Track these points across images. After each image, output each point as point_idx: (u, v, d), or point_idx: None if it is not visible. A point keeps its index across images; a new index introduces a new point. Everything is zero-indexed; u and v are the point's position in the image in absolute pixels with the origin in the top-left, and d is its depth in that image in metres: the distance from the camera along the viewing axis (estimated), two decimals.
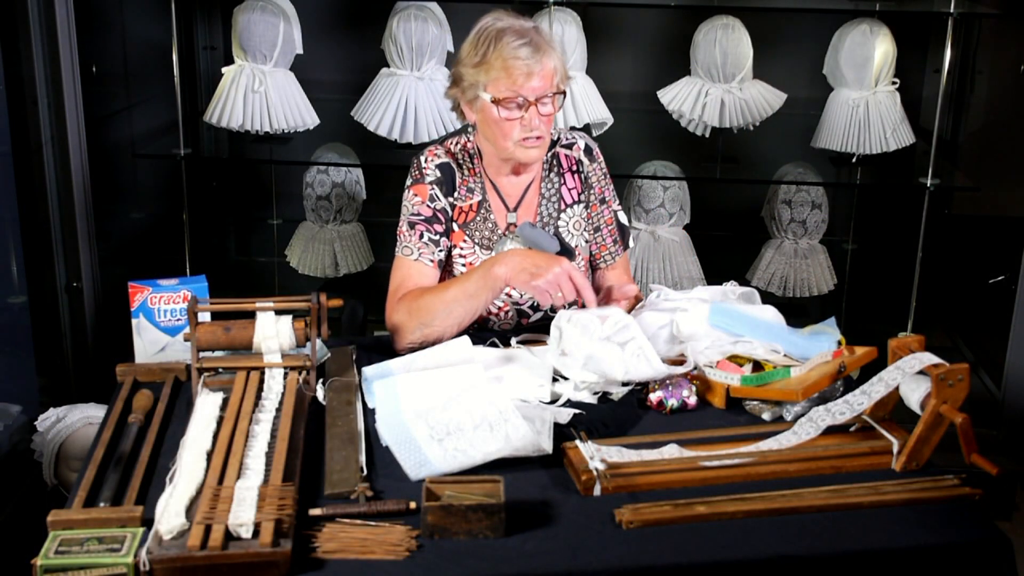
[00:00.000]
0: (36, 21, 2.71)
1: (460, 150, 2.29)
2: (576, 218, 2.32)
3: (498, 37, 2.12)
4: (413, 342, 2.09)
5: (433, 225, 2.22)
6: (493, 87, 2.13)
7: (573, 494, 1.62)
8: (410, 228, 2.22)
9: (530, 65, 2.10)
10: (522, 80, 2.10)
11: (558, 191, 2.31)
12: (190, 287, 2.05)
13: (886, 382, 1.73)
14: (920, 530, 1.56)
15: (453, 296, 2.08)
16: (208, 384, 1.88)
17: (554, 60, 2.14)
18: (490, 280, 2.05)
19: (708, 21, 3.32)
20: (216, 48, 3.95)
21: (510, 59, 2.10)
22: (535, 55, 2.10)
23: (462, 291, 2.07)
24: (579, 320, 1.93)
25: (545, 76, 2.12)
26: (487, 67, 2.12)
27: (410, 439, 1.70)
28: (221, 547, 1.40)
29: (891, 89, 3.31)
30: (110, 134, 3.55)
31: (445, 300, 2.08)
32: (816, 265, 3.56)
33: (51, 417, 2.53)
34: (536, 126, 2.14)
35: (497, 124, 2.15)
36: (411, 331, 2.09)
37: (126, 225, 3.76)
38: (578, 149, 2.33)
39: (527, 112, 2.12)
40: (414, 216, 2.23)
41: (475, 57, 2.14)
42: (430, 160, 2.27)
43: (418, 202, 2.23)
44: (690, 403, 1.91)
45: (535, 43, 2.11)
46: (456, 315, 2.08)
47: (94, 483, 1.62)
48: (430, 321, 2.08)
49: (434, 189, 2.24)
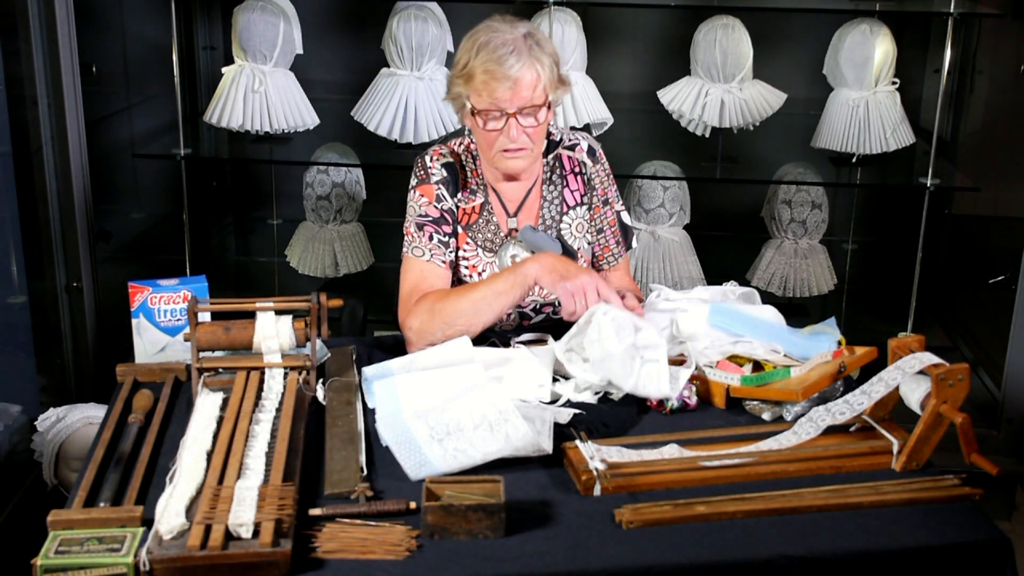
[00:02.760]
0: (36, 21, 2.71)
1: (464, 151, 2.28)
2: (579, 221, 2.31)
3: (482, 47, 2.05)
4: (434, 343, 2.05)
5: (441, 227, 2.20)
6: (475, 97, 2.08)
7: (573, 494, 1.62)
8: (419, 230, 2.19)
9: (508, 77, 2.03)
10: (500, 92, 2.04)
11: (560, 194, 2.29)
12: (190, 287, 2.05)
13: (886, 382, 1.73)
14: (920, 530, 1.56)
15: (482, 295, 2.04)
16: (208, 384, 1.88)
17: (538, 70, 2.06)
18: (520, 277, 2.03)
19: (708, 21, 3.32)
20: (216, 48, 3.95)
21: (490, 70, 2.03)
22: (516, 65, 2.03)
23: (491, 290, 2.04)
24: (618, 318, 1.91)
25: (527, 87, 2.05)
26: (468, 77, 2.07)
27: (410, 439, 1.70)
28: (221, 547, 1.40)
29: (891, 89, 3.31)
30: (110, 134, 3.55)
31: (473, 299, 2.04)
32: (816, 265, 3.56)
33: (51, 417, 2.53)
34: (515, 138, 2.08)
35: (481, 134, 2.12)
36: (433, 332, 2.04)
37: (126, 225, 3.76)
38: (581, 151, 2.30)
39: (507, 123, 2.07)
40: (421, 218, 2.20)
41: (460, 66, 2.10)
42: (435, 160, 2.24)
43: (425, 203, 2.20)
44: (690, 403, 1.91)
45: (519, 52, 2.04)
46: (484, 314, 2.04)
47: (94, 483, 1.63)
48: (454, 321, 2.04)
49: (440, 189, 2.22)
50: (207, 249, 4.09)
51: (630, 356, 1.88)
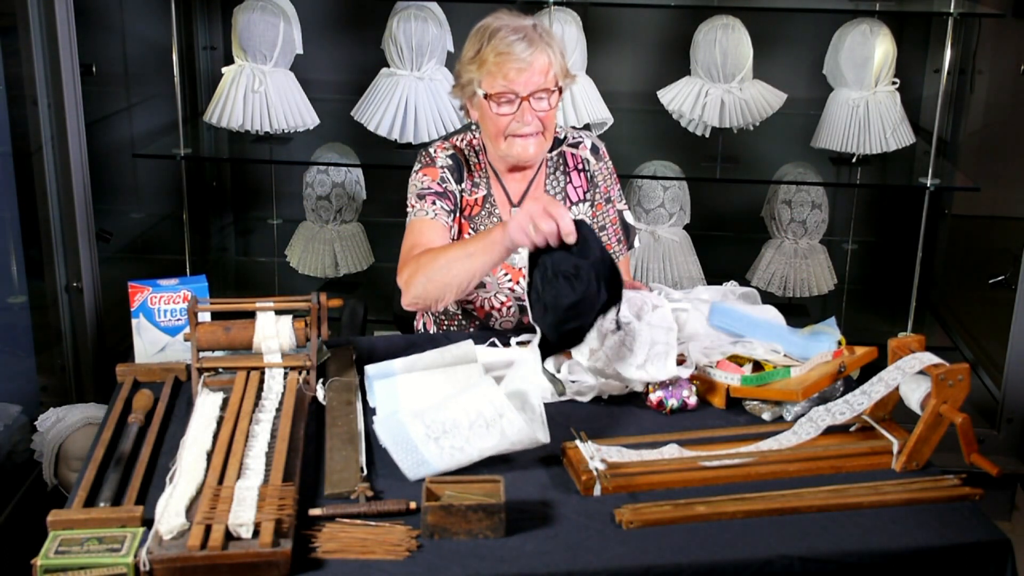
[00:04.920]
0: (36, 21, 2.70)
1: (466, 146, 2.31)
2: (581, 217, 2.31)
3: (493, 33, 2.13)
4: (418, 297, 2.05)
5: (444, 199, 2.21)
6: (487, 82, 2.14)
7: (573, 494, 1.62)
8: (420, 199, 2.21)
9: (522, 60, 2.10)
10: (513, 75, 2.11)
11: (563, 189, 2.31)
12: (190, 287, 2.05)
13: (886, 382, 1.73)
14: (920, 530, 1.56)
15: (454, 254, 2.03)
16: (208, 384, 1.88)
17: (550, 56, 2.14)
18: (488, 241, 1.97)
19: (708, 21, 3.32)
20: (216, 48, 3.95)
21: (502, 54, 2.10)
22: (528, 50, 2.10)
23: (463, 251, 2.03)
24: (632, 299, 1.90)
25: (539, 71, 2.12)
26: (481, 62, 2.13)
27: (407, 439, 1.70)
28: (221, 547, 1.40)
29: (891, 89, 3.30)
30: (110, 134, 3.55)
31: (448, 257, 2.04)
32: (816, 265, 3.55)
33: (51, 417, 2.53)
34: (528, 121, 2.14)
35: (491, 120, 2.16)
36: (417, 284, 2.05)
37: (126, 225, 3.76)
38: (584, 148, 2.34)
39: (519, 107, 2.13)
40: (424, 190, 2.21)
41: (471, 53, 2.16)
42: (439, 151, 2.29)
43: (428, 179, 2.23)
44: (690, 403, 1.91)
45: (530, 38, 2.12)
46: (454, 271, 2.01)
47: (94, 483, 1.62)
48: (433, 276, 2.03)
49: (444, 172, 2.25)
50: (207, 249, 4.09)
51: (646, 336, 1.88)
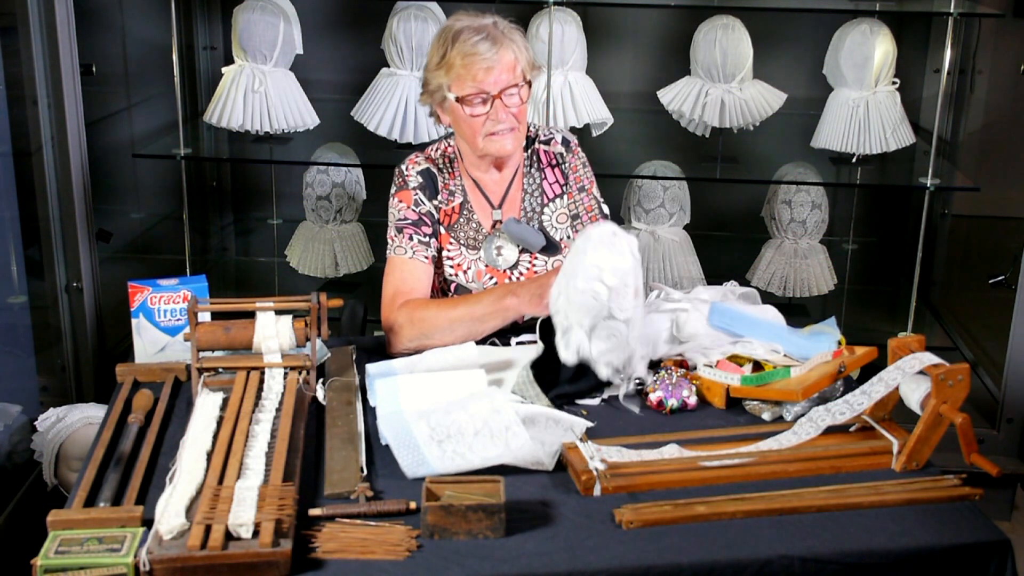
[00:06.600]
0: (36, 21, 2.70)
1: (440, 155, 2.33)
2: (560, 211, 2.33)
3: (456, 36, 2.15)
4: (409, 348, 2.10)
5: (420, 228, 2.25)
6: (457, 86, 2.16)
7: (573, 494, 1.62)
8: (399, 232, 2.24)
9: (488, 59, 2.12)
10: (482, 75, 2.13)
11: (540, 186, 2.33)
12: (190, 287, 2.05)
13: (886, 382, 1.73)
14: (920, 530, 1.56)
15: (459, 316, 2.08)
16: (208, 384, 1.88)
17: (514, 51, 2.16)
18: (500, 309, 2.06)
19: (708, 21, 3.32)
20: (216, 48, 3.95)
21: (469, 55, 2.12)
22: (493, 48, 2.12)
23: (469, 313, 2.08)
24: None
25: (506, 68, 2.14)
26: (448, 67, 2.15)
27: (410, 438, 1.70)
28: (221, 547, 1.40)
29: (891, 89, 3.30)
30: (110, 134, 3.55)
31: (450, 318, 2.08)
32: (816, 265, 3.55)
33: (51, 417, 2.53)
34: (503, 119, 2.16)
35: (466, 122, 2.18)
36: (410, 339, 2.10)
37: (126, 225, 3.76)
38: (556, 144, 2.36)
39: (492, 106, 2.15)
40: (401, 221, 2.25)
41: (437, 59, 2.18)
42: (411, 168, 2.30)
43: (403, 207, 2.26)
44: (690, 403, 1.91)
45: (493, 36, 2.14)
46: (459, 334, 2.08)
47: (94, 483, 1.62)
48: (430, 333, 2.08)
49: (418, 194, 2.27)
50: (207, 249, 4.09)
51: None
